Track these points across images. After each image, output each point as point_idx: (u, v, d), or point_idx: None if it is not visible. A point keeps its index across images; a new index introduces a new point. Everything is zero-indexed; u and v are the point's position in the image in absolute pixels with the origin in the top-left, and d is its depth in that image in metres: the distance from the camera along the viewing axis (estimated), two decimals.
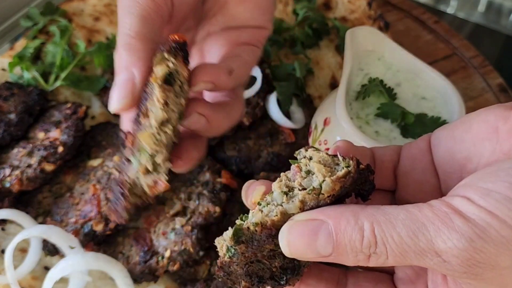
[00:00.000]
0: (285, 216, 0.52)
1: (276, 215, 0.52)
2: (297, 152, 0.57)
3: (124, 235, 1.01)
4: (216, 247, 0.55)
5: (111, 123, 1.18)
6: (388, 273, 0.62)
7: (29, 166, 1.04)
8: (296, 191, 0.53)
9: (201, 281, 0.95)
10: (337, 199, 0.53)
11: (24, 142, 1.10)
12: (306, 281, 0.58)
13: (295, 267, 0.54)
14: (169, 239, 0.97)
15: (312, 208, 0.52)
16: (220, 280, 0.55)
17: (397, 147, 0.63)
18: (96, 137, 1.14)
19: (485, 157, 0.54)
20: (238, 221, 0.54)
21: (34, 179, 1.03)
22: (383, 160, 0.62)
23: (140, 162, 0.63)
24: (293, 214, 0.52)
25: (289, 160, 0.56)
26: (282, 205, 0.52)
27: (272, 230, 0.52)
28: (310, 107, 1.22)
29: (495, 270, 0.47)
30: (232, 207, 1.04)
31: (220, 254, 0.54)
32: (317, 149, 0.55)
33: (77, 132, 1.09)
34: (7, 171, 1.04)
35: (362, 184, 0.54)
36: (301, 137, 1.16)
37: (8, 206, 1.03)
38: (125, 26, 0.65)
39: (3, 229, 1.05)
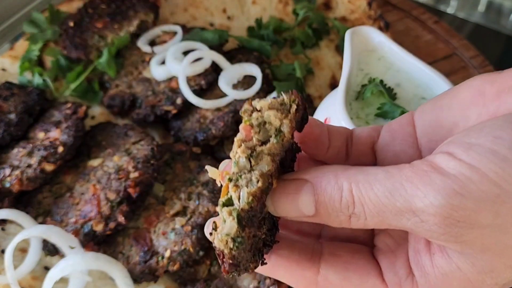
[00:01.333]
0: (265, 178, 0.50)
1: (259, 181, 0.50)
2: (242, 110, 0.54)
3: (124, 235, 1.01)
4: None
5: (111, 123, 1.18)
6: (368, 245, 0.60)
7: (29, 166, 1.04)
8: (258, 148, 0.51)
9: (201, 281, 0.95)
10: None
11: (24, 142, 1.10)
12: (278, 251, 0.56)
13: (274, 222, 0.54)
14: (169, 239, 0.97)
15: (281, 157, 0.51)
16: (231, 277, 0.53)
17: (377, 126, 0.62)
18: (96, 137, 1.14)
19: (472, 120, 0.53)
20: (224, 210, 0.50)
21: (34, 179, 1.03)
22: (361, 136, 0.61)
23: None
24: (270, 171, 0.50)
25: (239, 126, 0.54)
26: (254, 169, 0.50)
27: (263, 198, 0.50)
28: (310, 107, 1.22)
29: (475, 229, 0.45)
30: None
31: (226, 251, 0.50)
32: (260, 99, 0.54)
33: (77, 132, 1.09)
34: (7, 171, 1.04)
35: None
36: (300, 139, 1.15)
37: (8, 206, 1.03)
38: None
39: (3, 229, 1.05)
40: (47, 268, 1.00)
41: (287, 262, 0.56)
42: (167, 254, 0.95)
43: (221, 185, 0.53)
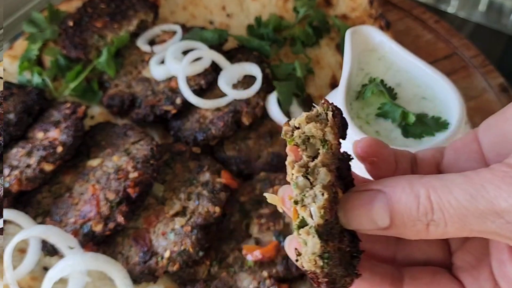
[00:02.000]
0: (329, 188, 0.50)
1: (323, 193, 0.50)
2: (283, 133, 0.55)
3: (123, 236, 1.00)
4: (216, 249, 0.53)
5: (111, 123, 1.18)
6: (446, 267, 0.59)
7: (28, 166, 1.04)
8: (311, 164, 0.51)
9: (200, 282, 0.95)
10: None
11: (23, 142, 1.10)
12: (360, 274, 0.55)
13: (353, 233, 0.54)
14: (169, 239, 0.96)
15: (336, 166, 0.51)
16: None
17: (440, 147, 0.61)
18: (95, 137, 1.13)
19: None
20: (302, 232, 0.50)
21: (33, 179, 1.03)
22: (424, 158, 0.60)
23: None
24: (330, 181, 0.50)
25: (286, 149, 0.54)
26: (315, 184, 0.51)
27: (333, 208, 0.50)
28: (310, 107, 1.21)
29: None
30: (232, 207, 1.03)
31: (318, 271, 0.50)
32: (295, 118, 0.55)
33: (77, 132, 1.08)
34: (6, 171, 1.03)
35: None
36: None
37: (7, 206, 1.03)
38: None
39: (1, 230, 1.05)
40: (46, 269, 0.99)
41: (370, 286, 0.56)
42: (167, 254, 0.94)
43: (274, 206, 0.55)
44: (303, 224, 0.51)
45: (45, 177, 1.04)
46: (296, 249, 0.52)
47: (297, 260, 0.52)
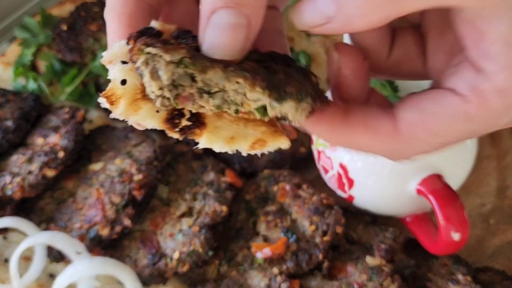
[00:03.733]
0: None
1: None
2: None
3: (130, 239, 1.00)
4: (225, 248, 0.49)
5: (110, 126, 1.17)
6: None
7: (30, 172, 1.02)
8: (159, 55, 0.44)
9: (211, 281, 0.94)
10: None
11: (23, 148, 1.08)
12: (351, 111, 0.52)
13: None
14: (177, 240, 0.96)
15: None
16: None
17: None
18: (96, 141, 1.13)
19: None
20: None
21: (36, 186, 1.02)
22: None
23: None
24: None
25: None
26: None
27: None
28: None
29: None
30: (238, 206, 1.03)
31: None
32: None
33: (77, 137, 1.07)
34: (8, 178, 1.02)
35: None
36: (303, 133, 1.16)
37: (10, 214, 1.02)
38: None
39: (5, 238, 1.04)
40: (52, 275, 0.98)
41: (364, 120, 0.52)
42: (176, 255, 0.94)
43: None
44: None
45: (47, 183, 1.03)
46: None
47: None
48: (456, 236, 0.83)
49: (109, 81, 0.64)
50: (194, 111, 0.47)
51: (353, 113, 0.52)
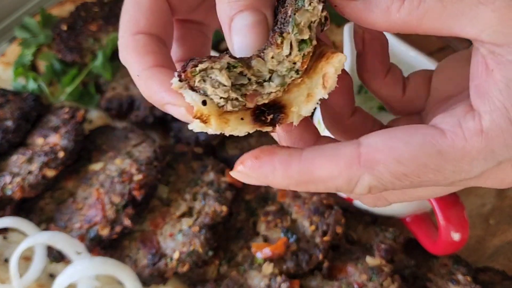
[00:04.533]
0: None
1: None
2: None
3: (130, 239, 0.99)
4: (225, 248, 0.51)
5: (110, 126, 1.17)
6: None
7: (30, 172, 1.02)
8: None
9: (211, 281, 0.94)
10: None
11: (23, 148, 1.08)
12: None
13: None
14: (177, 240, 0.96)
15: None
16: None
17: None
18: (96, 141, 1.12)
19: None
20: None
21: (36, 186, 1.02)
22: None
23: None
24: None
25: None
26: None
27: None
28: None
29: None
30: (238, 206, 1.03)
31: None
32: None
33: (77, 137, 1.07)
34: (8, 178, 1.02)
35: None
36: None
37: (10, 214, 1.02)
38: None
39: (5, 238, 1.04)
40: (52, 275, 0.99)
41: (322, 149, 0.49)
42: (176, 255, 0.94)
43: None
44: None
45: (47, 183, 1.03)
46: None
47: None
48: (456, 236, 0.83)
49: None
50: (268, 102, 0.50)
51: (310, 149, 0.49)
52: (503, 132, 0.44)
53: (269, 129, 0.50)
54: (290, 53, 0.49)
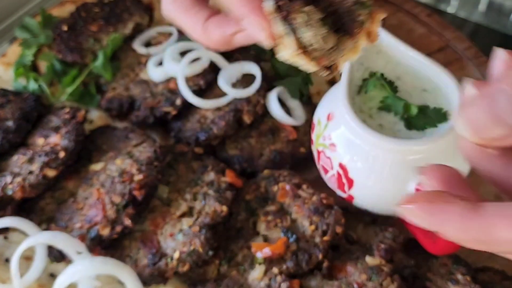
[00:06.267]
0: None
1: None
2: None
3: (130, 239, 1.00)
4: (225, 248, 0.53)
5: (111, 126, 1.18)
6: None
7: (31, 172, 1.03)
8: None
9: (211, 281, 0.95)
10: None
11: (23, 149, 1.09)
12: None
13: None
14: (177, 240, 0.96)
15: None
16: None
17: None
18: (96, 141, 1.13)
19: None
20: None
21: (36, 186, 1.02)
22: None
23: None
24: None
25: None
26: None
27: None
28: (309, 104, 1.22)
29: None
30: (238, 206, 1.04)
31: None
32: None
33: (78, 137, 1.07)
34: (8, 178, 1.02)
35: None
36: (302, 133, 1.16)
37: (10, 214, 1.02)
38: None
39: (5, 238, 1.04)
40: (52, 275, 0.99)
41: (500, 210, 0.48)
42: (176, 255, 0.94)
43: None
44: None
45: (48, 183, 1.03)
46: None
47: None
48: None
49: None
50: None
51: (489, 205, 0.48)
52: None
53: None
54: None
